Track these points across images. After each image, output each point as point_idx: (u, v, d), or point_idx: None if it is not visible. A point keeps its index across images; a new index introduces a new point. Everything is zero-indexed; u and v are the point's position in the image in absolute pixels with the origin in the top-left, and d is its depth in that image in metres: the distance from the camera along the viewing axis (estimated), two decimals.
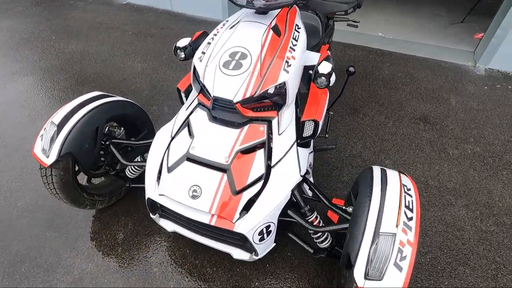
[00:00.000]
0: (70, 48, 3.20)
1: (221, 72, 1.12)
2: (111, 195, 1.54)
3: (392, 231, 0.83)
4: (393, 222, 0.84)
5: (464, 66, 2.85)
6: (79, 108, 1.25)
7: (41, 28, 3.64)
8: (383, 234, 0.83)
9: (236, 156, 1.11)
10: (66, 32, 3.55)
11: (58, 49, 3.18)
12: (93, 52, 3.14)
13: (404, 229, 0.84)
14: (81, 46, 3.24)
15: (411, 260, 0.81)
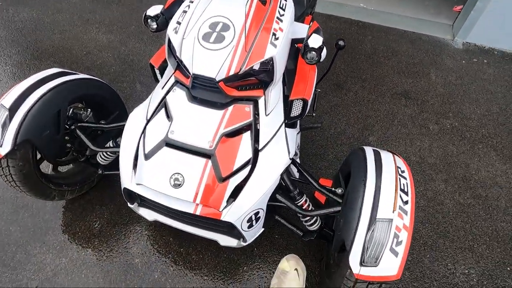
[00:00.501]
0: (21, 17, 2.81)
1: (200, 45, 0.99)
2: (82, 183, 1.41)
3: (389, 216, 0.80)
4: (389, 207, 0.81)
5: (443, 39, 2.84)
6: (35, 88, 1.08)
7: None
8: (379, 220, 0.80)
9: (221, 140, 1.02)
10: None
11: (6, 18, 2.78)
12: (49, 21, 2.78)
13: (400, 213, 0.81)
14: (34, 14, 2.85)
15: (406, 245, 0.79)
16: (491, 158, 1.80)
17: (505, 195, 1.61)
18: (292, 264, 1.17)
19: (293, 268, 1.16)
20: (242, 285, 1.23)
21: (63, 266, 1.24)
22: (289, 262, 1.17)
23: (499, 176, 1.71)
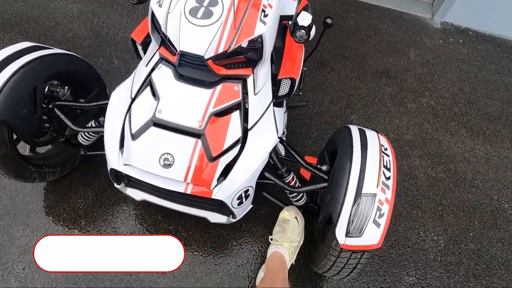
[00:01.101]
0: None
1: (187, 21, 0.95)
2: (63, 164, 1.36)
3: (373, 191, 0.86)
4: (374, 183, 0.86)
5: (423, 18, 2.89)
6: (6, 64, 1.00)
7: None
8: (364, 195, 0.85)
9: (210, 119, 1.01)
10: None
11: None
12: None
13: (383, 188, 0.87)
14: None
15: (388, 217, 0.85)
16: (461, 135, 1.93)
17: (472, 169, 1.75)
18: (292, 214, 1.23)
19: (293, 216, 1.23)
20: (232, 259, 1.29)
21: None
22: (289, 211, 1.24)
23: (467, 151, 1.84)
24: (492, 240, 1.47)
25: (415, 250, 1.40)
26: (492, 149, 1.88)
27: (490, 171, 1.75)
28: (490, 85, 2.32)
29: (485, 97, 2.22)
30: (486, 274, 1.37)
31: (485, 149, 1.87)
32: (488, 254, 1.43)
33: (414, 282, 1.31)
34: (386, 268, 1.33)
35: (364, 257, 0.93)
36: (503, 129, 2.00)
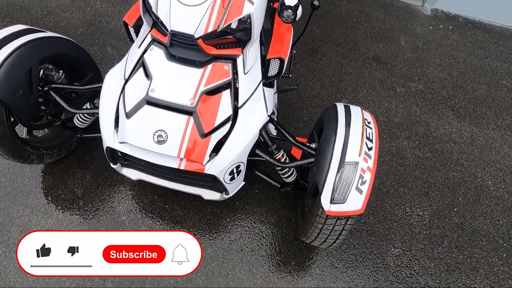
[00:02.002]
0: None
1: (177, 1, 0.98)
2: (60, 147, 1.40)
3: (355, 160, 0.91)
4: (356, 152, 0.92)
5: (413, 5, 2.92)
6: (2, 45, 1.03)
7: None
8: (347, 164, 0.90)
9: (201, 98, 1.05)
10: None
11: None
12: None
13: (365, 157, 0.92)
14: None
15: (370, 184, 0.91)
16: (448, 117, 1.99)
17: (458, 149, 1.82)
18: None
19: None
20: (225, 234, 1.34)
21: (50, 226, 1.27)
22: None
23: (454, 133, 1.90)
24: (475, 215, 1.54)
25: (401, 225, 1.46)
26: (478, 130, 1.94)
27: (475, 151, 1.82)
28: (478, 69, 2.37)
29: (472, 81, 2.27)
30: (468, 245, 1.44)
31: (471, 130, 1.93)
32: (470, 227, 1.50)
33: (400, 254, 1.38)
34: (373, 241, 1.40)
35: (349, 224, 0.99)
36: (489, 111, 2.06)
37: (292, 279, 1.26)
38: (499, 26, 2.81)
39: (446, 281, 1.32)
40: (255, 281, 1.24)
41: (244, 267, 1.27)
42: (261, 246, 1.32)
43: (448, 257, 1.39)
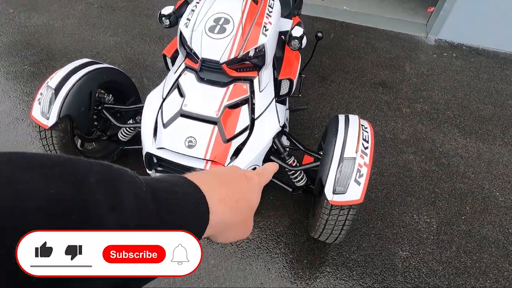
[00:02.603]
0: (32, 22, 3.05)
1: (207, 36, 1.26)
2: (105, 158, 1.65)
3: (352, 156, 1.07)
4: (353, 149, 1.08)
5: (417, 37, 3.17)
6: (73, 73, 1.34)
7: None
8: (346, 159, 1.07)
9: (224, 111, 1.28)
10: (23, 5, 3.34)
11: (19, 23, 3.03)
12: (59, 26, 3.03)
13: (362, 154, 1.08)
14: (44, 20, 3.10)
15: (366, 177, 1.06)
16: (454, 134, 2.10)
17: (464, 163, 1.90)
18: None
19: None
20: (236, 242, 1.48)
21: None
22: None
23: (460, 148, 2.00)
24: (483, 223, 1.59)
25: (409, 230, 1.54)
26: (484, 146, 2.03)
27: (482, 165, 1.90)
28: (483, 92, 2.50)
29: (477, 102, 2.39)
30: (477, 251, 1.48)
31: (477, 146, 2.02)
32: (479, 234, 1.54)
33: (408, 256, 1.45)
34: (382, 244, 1.48)
35: (351, 214, 1.12)
36: (495, 129, 2.16)
37: (304, 275, 1.36)
38: (503, 52, 2.97)
39: (455, 283, 1.36)
40: (270, 275, 1.35)
41: (260, 263, 1.39)
42: (275, 245, 1.45)
43: (457, 261, 1.44)
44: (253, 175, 0.41)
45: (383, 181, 1.76)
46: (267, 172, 0.46)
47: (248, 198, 0.37)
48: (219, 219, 0.33)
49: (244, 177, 0.39)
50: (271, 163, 0.48)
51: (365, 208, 1.62)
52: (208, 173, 0.38)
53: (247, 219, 0.39)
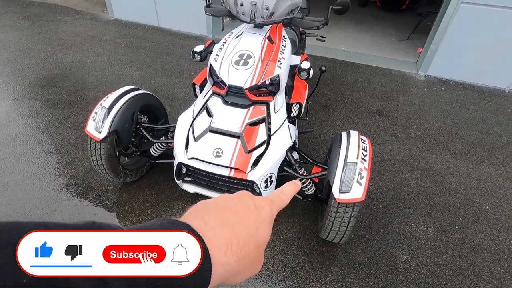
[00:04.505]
0: (68, 59, 3.47)
1: (233, 68, 1.57)
2: (137, 171, 1.88)
3: (354, 161, 1.30)
4: (354, 155, 1.32)
5: (409, 73, 3.54)
6: (122, 96, 1.62)
7: (34, 41, 3.86)
8: (349, 163, 1.30)
9: (246, 128, 1.54)
10: (60, 44, 3.81)
11: (56, 60, 3.44)
12: (91, 62, 3.44)
13: (362, 160, 1.31)
14: (78, 57, 3.52)
15: (366, 179, 1.28)
16: (445, 156, 2.33)
17: (456, 180, 2.11)
18: None
19: None
20: None
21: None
22: None
23: (451, 168, 2.22)
24: (475, 232, 1.76)
25: (408, 237, 1.71)
26: (473, 166, 2.25)
27: (472, 182, 2.10)
28: (470, 120, 2.78)
29: (466, 128, 2.66)
30: (471, 255, 1.63)
31: (467, 166, 2.24)
32: (472, 242, 1.70)
33: (408, 259, 1.60)
34: (384, 248, 1.64)
35: (355, 211, 1.32)
36: (483, 152, 2.39)
37: (315, 274, 1.51)
38: (487, 87, 3.31)
39: (452, 283, 1.50)
40: (285, 273, 1.50)
41: (275, 262, 1.55)
42: (288, 248, 1.61)
43: (453, 264, 1.59)
44: (265, 203, 0.37)
45: (383, 195, 1.96)
46: (284, 195, 0.41)
47: (258, 237, 0.34)
48: (223, 270, 0.30)
49: (254, 209, 0.35)
50: (292, 182, 0.44)
51: (368, 217, 1.80)
52: (210, 212, 0.33)
53: (256, 258, 0.34)
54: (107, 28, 4.31)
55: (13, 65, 3.26)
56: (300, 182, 0.42)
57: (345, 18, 4.95)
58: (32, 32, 4.09)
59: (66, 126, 2.42)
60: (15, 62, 3.34)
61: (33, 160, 2.09)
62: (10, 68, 3.21)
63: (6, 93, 2.80)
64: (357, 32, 4.60)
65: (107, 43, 3.89)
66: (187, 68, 3.38)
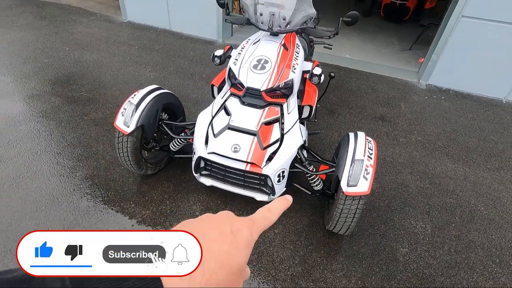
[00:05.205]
0: (85, 58, 3.63)
1: (252, 71, 1.72)
2: (156, 165, 2.02)
3: (361, 158, 1.44)
4: (361, 153, 1.46)
5: (411, 82, 3.70)
6: (148, 94, 1.77)
7: (52, 40, 4.02)
8: (356, 160, 1.44)
9: (261, 126, 1.68)
10: (77, 44, 3.97)
11: (74, 59, 3.60)
12: (107, 62, 3.59)
13: (368, 158, 1.45)
14: (94, 57, 3.68)
15: (372, 174, 1.42)
16: (444, 160, 2.47)
17: (453, 183, 2.25)
18: None
19: None
20: (271, 229, 1.79)
21: (148, 215, 1.80)
22: None
23: (449, 171, 2.36)
24: (470, 230, 1.89)
25: (408, 233, 1.84)
26: (470, 170, 2.39)
27: (468, 185, 2.24)
28: (468, 127, 2.93)
29: (464, 135, 2.80)
30: (465, 251, 1.76)
31: (464, 170, 2.38)
32: (467, 238, 1.84)
33: (408, 252, 1.73)
34: (385, 242, 1.77)
35: (360, 203, 1.45)
36: (479, 158, 2.53)
37: (322, 262, 1.64)
38: (485, 97, 3.46)
39: (448, 274, 1.63)
40: (294, 261, 1.63)
41: (285, 251, 1.68)
42: (297, 239, 1.74)
43: (448, 258, 1.72)
44: (243, 226, 0.35)
45: (385, 194, 2.10)
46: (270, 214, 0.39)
47: (230, 264, 0.32)
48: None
49: (228, 235, 0.33)
50: (282, 198, 0.41)
51: (371, 214, 1.93)
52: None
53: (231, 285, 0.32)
54: (120, 30, 4.47)
55: (33, 63, 3.42)
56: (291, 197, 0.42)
57: (350, 27, 5.13)
58: (49, 32, 4.25)
59: (86, 122, 2.56)
60: (35, 60, 3.49)
61: (58, 152, 2.23)
62: (30, 66, 3.36)
63: (29, 90, 2.95)
64: (361, 41, 4.77)
65: (121, 44, 4.05)
66: (198, 71, 3.53)
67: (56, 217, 1.76)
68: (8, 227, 1.69)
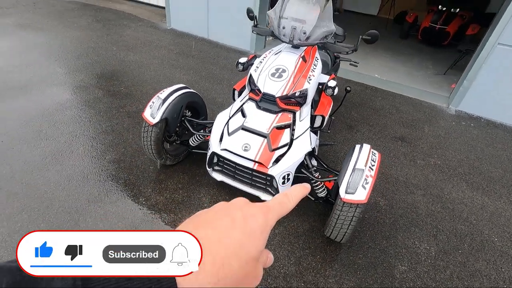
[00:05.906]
0: (129, 58, 4.01)
1: (269, 79, 1.85)
2: (175, 157, 2.20)
3: (362, 168, 1.49)
4: (363, 163, 1.51)
5: (440, 106, 3.62)
6: (175, 92, 1.97)
7: (103, 41, 4.49)
8: (357, 169, 1.49)
9: (273, 130, 1.80)
10: (124, 45, 4.40)
11: (119, 58, 3.99)
12: (147, 63, 3.94)
13: (369, 168, 1.50)
14: (137, 58, 4.05)
15: (371, 184, 1.46)
16: (462, 186, 2.40)
17: (468, 210, 2.17)
18: None
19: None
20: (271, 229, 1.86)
21: (161, 200, 1.96)
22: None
23: (466, 198, 2.28)
24: (478, 259, 1.82)
25: (410, 252, 1.82)
26: (489, 200, 2.29)
27: (484, 214, 2.15)
28: (495, 157, 2.80)
29: (488, 165, 2.69)
30: (468, 279, 1.70)
31: (483, 199, 2.29)
32: (473, 267, 1.77)
33: (406, 270, 1.71)
34: (384, 257, 1.77)
35: (357, 211, 1.49)
36: (502, 189, 2.42)
37: (316, 266, 1.68)
38: None
39: None
40: (289, 261, 1.69)
41: (282, 251, 1.74)
42: (295, 241, 1.80)
43: (449, 283, 1.67)
44: (258, 211, 0.34)
45: (392, 211, 2.09)
46: (287, 199, 0.38)
47: (244, 252, 0.30)
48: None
49: (240, 221, 0.32)
50: (300, 185, 0.41)
51: (374, 229, 1.94)
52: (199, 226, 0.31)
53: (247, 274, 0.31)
54: (163, 35, 4.88)
55: (85, 59, 3.85)
56: (310, 186, 0.42)
57: (382, 48, 5.13)
58: (102, 33, 4.75)
59: (121, 113, 2.84)
60: (87, 56, 3.93)
61: (93, 136, 2.51)
62: (82, 61, 3.79)
63: (78, 81, 3.34)
64: (393, 62, 4.75)
65: (162, 48, 4.42)
66: (228, 78, 3.75)
67: (84, 191, 1.99)
68: (44, 194, 1.94)
